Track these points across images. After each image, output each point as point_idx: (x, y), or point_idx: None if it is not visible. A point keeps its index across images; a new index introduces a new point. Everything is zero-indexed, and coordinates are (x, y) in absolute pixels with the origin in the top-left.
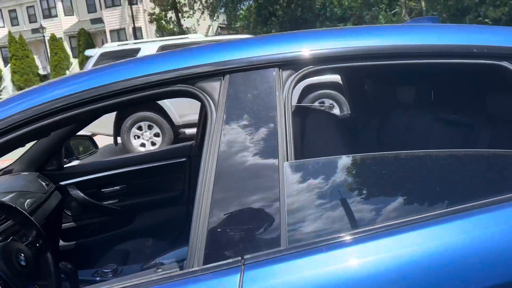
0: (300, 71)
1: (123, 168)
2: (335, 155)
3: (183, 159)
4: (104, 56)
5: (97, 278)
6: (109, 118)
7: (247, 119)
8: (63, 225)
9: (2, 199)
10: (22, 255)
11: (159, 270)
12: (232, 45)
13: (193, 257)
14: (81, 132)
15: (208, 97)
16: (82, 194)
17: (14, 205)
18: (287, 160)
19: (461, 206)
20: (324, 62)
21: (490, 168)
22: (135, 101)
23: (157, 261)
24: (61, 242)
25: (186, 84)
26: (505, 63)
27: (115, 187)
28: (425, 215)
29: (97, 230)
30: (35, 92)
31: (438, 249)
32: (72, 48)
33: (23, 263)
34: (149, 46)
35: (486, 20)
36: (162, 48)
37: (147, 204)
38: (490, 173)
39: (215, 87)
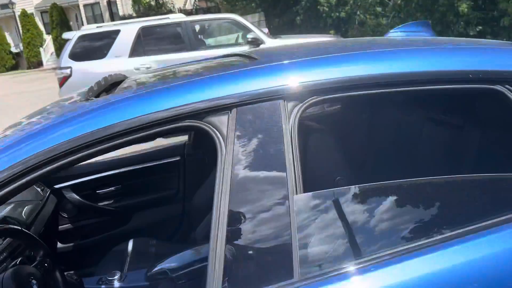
0: (305, 102)
1: (117, 169)
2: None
3: (177, 158)
4: (83, 39)
5: (102, 287)
6: None
7: (256, 153)
8: (59, 227)
9: (1, 213)
10: (33, 278)
11: None
12: (237, 77)
13: None
14: None
15: (216, 131)
16: (77, 197)
17: (21, 228)
18: (296, 193)
19: (458, 231)
20: (327, 92)
21: (485, 193)
22: (144, 138)
23: (161, 268)
24: (59, 244)
25: (195, 119)
26: (498, 87)
27: (110, 188)
28: (427, 241)
29: (93, 231)
30: (41, 133)
31: (441, 274)
32: (44, 24)
33: (35, 287)
34: (128, 27)
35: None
36: (143, 29)
37: (142, 204)
38: (484, 197)
39: (223, 121)
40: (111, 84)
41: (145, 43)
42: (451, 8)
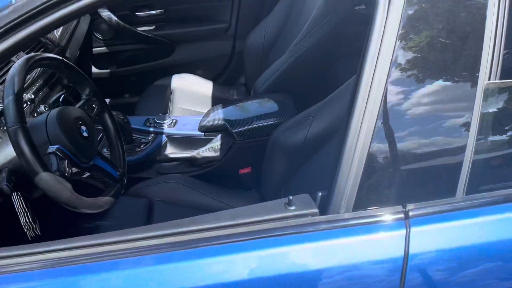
0: None
1: None
2: None
3: None
4: None
5: (151, 129)
6: None
7: (439, 19)
8: (93, 49)
9: None
10: (81, 123)
11: (292, 207)
12: None
13: (339, 199)
14: None
15: None
16: (114, 16)
17: (62, 58)
18: (489, 79)
19: None
20: None
21: None
22: None
23: (219, 119)
24: (94, 69)
25: None
26: None
27: (152, 12)
28: None
29: (131, 58)
30: None
31: None
32: None
33: (85, 134)
34: None
35: None
36: None
37: (187, 35)
38: None
39: None
40: None
41: None
42: None
